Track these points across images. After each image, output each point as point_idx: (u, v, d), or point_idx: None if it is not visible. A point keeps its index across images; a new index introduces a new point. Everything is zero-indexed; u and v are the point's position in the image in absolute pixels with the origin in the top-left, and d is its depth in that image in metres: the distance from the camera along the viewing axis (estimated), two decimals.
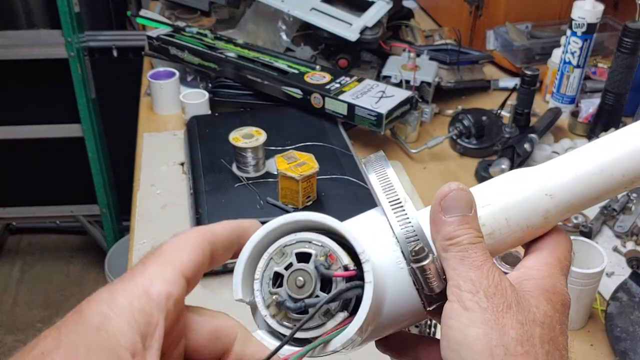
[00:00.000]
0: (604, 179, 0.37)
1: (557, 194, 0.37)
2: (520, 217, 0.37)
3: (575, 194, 0.37)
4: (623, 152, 0.36)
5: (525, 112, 1.23)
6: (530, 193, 0.37)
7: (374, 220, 0.36)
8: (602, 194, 0.37)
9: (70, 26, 1.88)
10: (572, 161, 0.38)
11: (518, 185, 0.38)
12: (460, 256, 0.33)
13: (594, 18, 1.28)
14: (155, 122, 1.40)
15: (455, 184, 0.35)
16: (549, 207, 0.37)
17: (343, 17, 1.43)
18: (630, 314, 0.86)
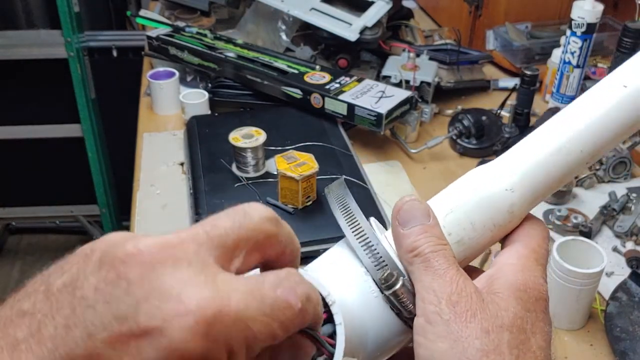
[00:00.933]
0: (564, 159, 0.36)
1: (517, 186, 0.36)
2: (485, 218, 0.35)
3: (537, 181, 0.36)
4: (578, 127, 0.35)
5: (525, 112, 1.23)
6: (489, 192, 0.36)
7: (341, 255, 0.36)
8: (564, 175, 0.36)
9: (70, 26, 1.88)
10: (527, 148, 0.37)
11: (476, 186, 0.36)
12: (424, 266, 0.32)
13: (594, 18, 1.28)
14: (155, 122, 1.40)
15: (409, 197, 0.35)
16: (513, 201, 0.35)
17: (343, 17, 1.43)
18: (630, 313, 0.86)
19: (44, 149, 2.26)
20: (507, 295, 0.32)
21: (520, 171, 0.36)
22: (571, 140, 0.35)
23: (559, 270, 0.84)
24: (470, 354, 0.29)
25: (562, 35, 1.39)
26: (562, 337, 0.87)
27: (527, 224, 0.36)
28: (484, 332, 0.30)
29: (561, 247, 0.85)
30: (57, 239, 2.59)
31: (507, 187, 0.35)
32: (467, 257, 0.36)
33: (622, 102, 0.35)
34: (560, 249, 0.85)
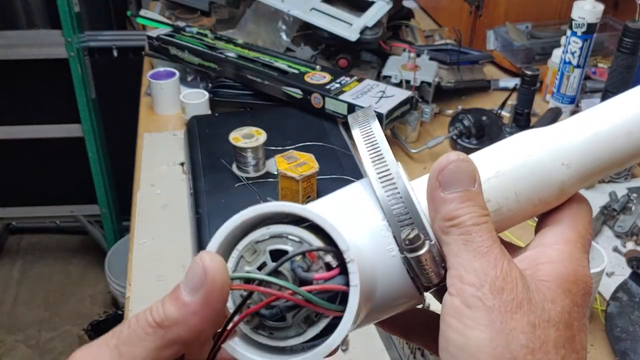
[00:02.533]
0: (626, 140, 0.32)
1: (574, 162, 0.32)
2: (533, 191, 0.32)
3: (595, 160, 0.32)
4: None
5: (525, 112, 1.23)
6: (543, 163, 0.32)
7: (359, 197, 0.32)
8: (627, 157, 0.32)
9: (70, 26, 1.88)
10: (591, 119, 0.33)
11: (530, 152, 0.32)
12: (463, 240, 0.28)
13: (594, 18, 1.28)
14: (156, 122, 1.40)
15: (455, 154, 0.30)
16: (565, 177, 0.32)
17: (343, 17, 1.43)
18: (630, 314, 0.86)
19: (44, 149, 2.26)
20: (555, 285, 0.29)
21: (581, 144, 0.32)
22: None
23: None
24: (514, 349, 0.26)
25: (562, 35, 1.39)
26: None
27: (574, 203, 0.33)
28: (530, 326, 0.27)
29: None
30: (57, 239, 2.59)
31: (564, 162, 0.32)
32: (497, 229, 0.32)
33: None
34: None
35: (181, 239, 1.02)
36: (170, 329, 0.26)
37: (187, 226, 1.06)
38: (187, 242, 1.01)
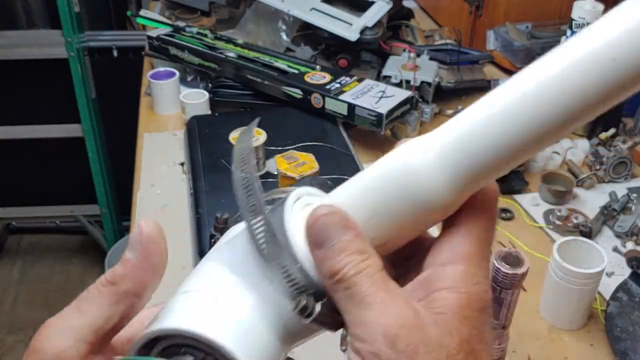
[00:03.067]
0: (502, 127, 0.27)
1: (449, 172, 0.28)
2: (415, 221, 0.30)
3: (475, 162, 0.28)
4: (526, 87, 0.27)
5: None
6: (416, 189, 0.28)
7: (246, 265, 0.30)
8: (509, 149, 0.28)
9: (70, 26, 1.88)
10: (461, 121, 0.29)
11: (400, 181, 0.29)
12: (348, 295, 0.28)
13: (594, 18, 1.27)
14: (156, 122, 1.40)
15: (321, 209, 0.29)
16: (443, 197, 0.28)
17: (343, 17, 1.43)
18: (630, 314, 0.86)
19: (44, 149, 2.26)
20: (451, 316, 0.27)
21: (452, 154, 0.28)
22: (516, 102, 0.27)
23: (559, 270, 0.83)
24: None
25: (562, 35, 1.39)
26: (562, 337, 0.87)
27: (471, 205, 0.30)
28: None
29: (561, 247, 0.85)
30: (57, 239, 2.59)
31: (435, 180, 0.28)
32: (394, 248, 0.31)
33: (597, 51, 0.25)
34: (561, 249, 0.85)
35: (181, 239, 1.02)
36: (118, 285, 0.30)
37: (187, 226, 1.06)
38: (187, 242, 1.01)
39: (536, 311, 0.90)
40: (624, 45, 0.25)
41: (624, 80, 0.25)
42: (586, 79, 0.26)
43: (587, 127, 1.34)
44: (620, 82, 0.25)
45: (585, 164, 1.25)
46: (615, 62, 0.25)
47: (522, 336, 0.86)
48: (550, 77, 0.26)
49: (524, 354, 0.84)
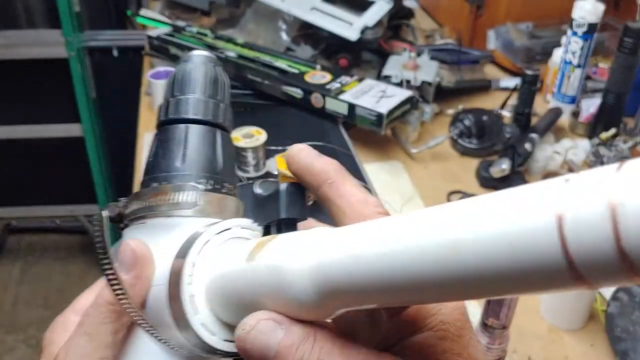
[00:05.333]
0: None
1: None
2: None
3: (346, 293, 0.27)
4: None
5: (526, 112, 1.23)
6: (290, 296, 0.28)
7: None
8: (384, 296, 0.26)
9: (70, 26, 1.88)
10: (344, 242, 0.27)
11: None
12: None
13: (595, 18, 1.27)
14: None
15: (243, 329, 0.29)
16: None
17: (343, 16, 1.43)
18: (631, 314, 0.86)
19: (44, 149, 2.26)
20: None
21: (322, 277, 0.27)
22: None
23: None
24: None
25: (563, 35, 1.39)
26: (562, 337, 0.87)
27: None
28: None
29: None
30: (57, 239, 2.59)
31: (307, 293, 0.27)
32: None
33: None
34: None
35: None
36: (117, 304, 0.31)
37: None
38: None
39: (536, 311, 0.90)
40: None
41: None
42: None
43: (588, 127, 1.34)
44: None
45: (586, 164, 1.25)
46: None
47: (522, 336, 0.86)
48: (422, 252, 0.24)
49: (525, 354, 0.83)
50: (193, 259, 0.31)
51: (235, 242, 0.33)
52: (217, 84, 0.44)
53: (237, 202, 0.37)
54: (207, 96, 0.41)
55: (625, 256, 0.19)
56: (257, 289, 0.29)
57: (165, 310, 0.32)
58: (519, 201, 0.22)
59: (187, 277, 0.31)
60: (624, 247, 0.19)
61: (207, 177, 0.36)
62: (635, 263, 0.19)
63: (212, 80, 0.43)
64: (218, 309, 0.32)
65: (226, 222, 0.33)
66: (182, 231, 0.33)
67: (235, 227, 0.34)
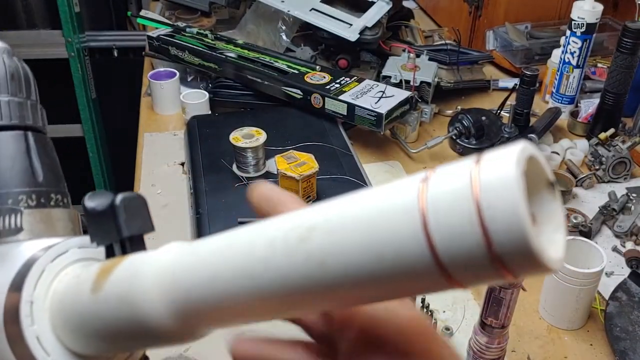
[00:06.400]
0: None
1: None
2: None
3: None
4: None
5: (524, 112, 1.23)
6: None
7: None
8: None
9: (71, 26, 1.88)
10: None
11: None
12: None
13: (594, 18, 1.28)
14: (156, 122, 1.40)
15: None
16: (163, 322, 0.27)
17: (343, 17, 1.43)
18: (630, 313, 0.86)
19: None
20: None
21: (172, 285, 0.26)
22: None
23: (559, 270, 0.84)
24: None
25: (562, 35, 1.39)
26: (562, 337, 0.87)
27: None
28: None
29: None
30: None
31: (156, 308, 0.26)
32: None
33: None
34: None
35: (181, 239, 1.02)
36: None
37: (187, 226, 1.06)
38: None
39: (536, 311, 0.91)
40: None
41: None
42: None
43: (586, 127, 1.34)
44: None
45: (585, 163, 1.25)
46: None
47: (521, 336, 0.87)
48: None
49: (524, 353, 0.84)
50: (29, 297, 0.28)
51: (75, 267, 0.30)
52: (17, 79, 0.35)
53: (69, 212, 0.32)
54: (8, 96, 0.33)
55: (490, 243, 0.19)
56: (110, 322, 0.27)
57: (7, 352, 0.28)
58: (381, 203, 0.22)
59: (26, 318, 0.28)
60: (491, 237, 0.19)
61: (27, 192, 0.31)
62: (502, 254, 0.19)
63: (10, 76, 0.34)
64: (71, 344, 0.29)
65: (60, 246, 0.29)
66: (12, 260, 0.29)
67: (71, 248, 0.30)
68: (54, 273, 0.29)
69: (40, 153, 0.32)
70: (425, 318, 0.28)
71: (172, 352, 0.81)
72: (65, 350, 0.29)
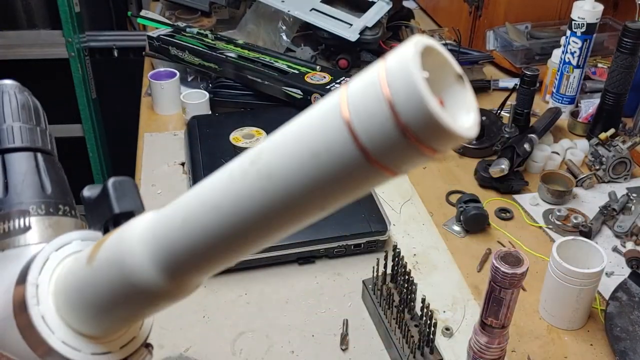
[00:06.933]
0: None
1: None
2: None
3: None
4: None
5: (525, 112, 1.23)
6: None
7: None
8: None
9: (71, 26, 1.89)
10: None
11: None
12: None
13: (594, 18, 1.28)
14: (156, 122, 1.40)
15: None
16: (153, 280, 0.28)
17: (343, 17, 1.43)
18: (630, 313, 0.86)
19: None
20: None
21: (154, 240, 0.28)
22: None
23: (559, 270, 0.84)
24: None
25: (562, 35, 1.39)
26: (562, 337, 0.87)
27: None
28: None
29: (561, 247, 0.86)
30: None
31: (144, 266, 0.28)
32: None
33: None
34: (560, 249, 0.85)
35: None
36: None
37: None
38: None
39: (536, 311, 0.91)
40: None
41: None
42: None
43: (587, 127, 1.34)
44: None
45: (585, 164, 1.25)
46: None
47: (521, 336, 0.87)
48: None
49: (524, 353, 0.84)
50: (34, 280, 0.30)
51: (77, 255, 0.32)
52: (27, 109, 0.41)
53: (75, 221, 0.35)
54: (19, 123, 0.39)
55: (396, 114, 0.22)
56: (105, 289, 0.28)
57: (20, 343, 0.30)
58: (310, 112, 0.25)
59: (32, 299, 0.29)
60: (396, 108, 0.22)
61: (37, 202, 0.34)
62: (408, 123, 0.21)
63: (21, 107, 0.41)
64: (75, 323, 0.30)
65: (64, 237, 0.32)
66: (22, 262, 0.31)
67: (75, 240, 0.32)
68: (58, 260, 0.31)
69: (49, 171, 0.35)
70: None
71: (172, 352, 0.81)
72: (69, 330, 0.30)
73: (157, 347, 0.82)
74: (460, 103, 0.25)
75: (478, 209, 1.03)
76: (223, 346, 0.83)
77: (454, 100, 0.25)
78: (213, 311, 0.88)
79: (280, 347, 0.83)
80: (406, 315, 0.82)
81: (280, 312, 0.88)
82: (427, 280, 0.95)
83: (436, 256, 1.00)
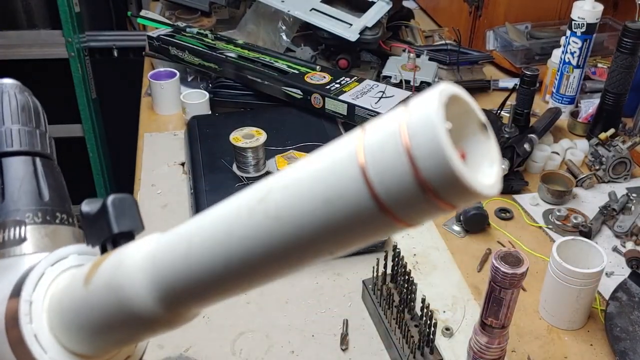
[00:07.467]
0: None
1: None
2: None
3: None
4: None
5: (525, 113, 1.23)
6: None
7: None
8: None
9: (71, 26, 1.89)
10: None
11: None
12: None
13: (594, 18, 1.28)
14: (156, 122, 1.40)
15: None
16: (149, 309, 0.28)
17: (343, 17, 1.43)
18: (630, 313, 0.86)
19: None
20: None
21: (154, 269, 0.28)
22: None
23: (559, 270, 0.84)
24: None
25: (562, 35, 1.39)
26: (562, 337, 0.87)
27: None
28: None
29: (561, 247, 0.86)
30: None
31: (143, 296, 0.28)
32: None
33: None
34: (560, 249, 0.85)
35: None
36: None
37: None
38: None
39: (536, 311, 0.91)
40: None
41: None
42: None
43: (586, 127, 1.34)
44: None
45: (585, 164, 1.25)
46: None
47: (521, 336, 0.87)
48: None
49: (524, 353, 0.84)
50: (28, 297, 0.29)
51: (73, 270, 0.31)
52: (27, 111, 0.39)
53: (73, 230, 0.34)
54: (18, 125, 0.37)
55: (417, 169, 0.21)
56: (101, 313, 0.28)
57: (10, 356, 0.29)
58: (324, 160, 0.24)
59: (25, 316, 0.29)
60: (417, 163, 0.20)
61: (33, 210, 0.33)
62: (429, 179, 0.20)
63: (21, 108, 0.39)
64: (69, 342, 0.29)
65: (61, 251, 0.31)
66: (16, 272, 0.31)
67: (72, 254, 0.31)
68: (53, 276, 0.30)
69: (47, 176, 0.34)
70: None
71: (172, 352, 0.81)
72: (62, 349, 0.29)
73: (157, 347, 0.82)
74: (483, 153, 0.24)
75: (478, 209, 1.03)
76: (223, 346, 0.83)
77: (476, 151, 0.24)
78: (213, 311, 0.88)
79: (280, 347, 0.83)
80: (406, 315, 0.82)
81: (280, 312, 0.88)
82: (427, 280, 0.95)
83: (436, 256, 1.00)
